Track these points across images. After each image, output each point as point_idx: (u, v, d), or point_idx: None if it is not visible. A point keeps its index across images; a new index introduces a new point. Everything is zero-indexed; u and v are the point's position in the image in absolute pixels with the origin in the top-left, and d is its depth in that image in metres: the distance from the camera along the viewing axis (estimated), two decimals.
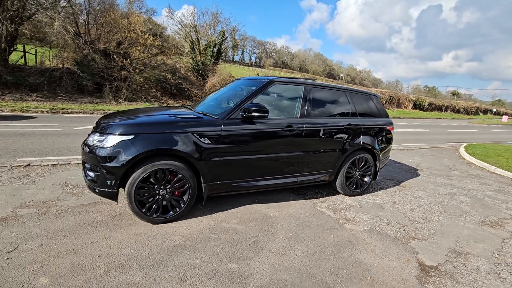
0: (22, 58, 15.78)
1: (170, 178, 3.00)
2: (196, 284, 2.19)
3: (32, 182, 3.90)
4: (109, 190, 2.81)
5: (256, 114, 3.19)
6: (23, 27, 14.18)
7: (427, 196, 4.60)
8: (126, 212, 3.26)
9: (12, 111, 10.01)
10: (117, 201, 2.97)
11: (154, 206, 2.98)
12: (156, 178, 2.92)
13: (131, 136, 2.81)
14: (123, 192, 2.91)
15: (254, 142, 3.37)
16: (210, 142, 3.10)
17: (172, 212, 3.09)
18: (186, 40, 22.51)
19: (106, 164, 2.75)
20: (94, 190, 2.92)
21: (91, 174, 2.90)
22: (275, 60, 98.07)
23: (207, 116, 3.33)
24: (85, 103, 13.41)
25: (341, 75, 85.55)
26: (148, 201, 2.96)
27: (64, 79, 14.16)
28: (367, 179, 4.39)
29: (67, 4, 14.39)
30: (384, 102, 32.65)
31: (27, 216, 3.02)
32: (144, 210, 2.94)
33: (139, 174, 2.82)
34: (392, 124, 4.65)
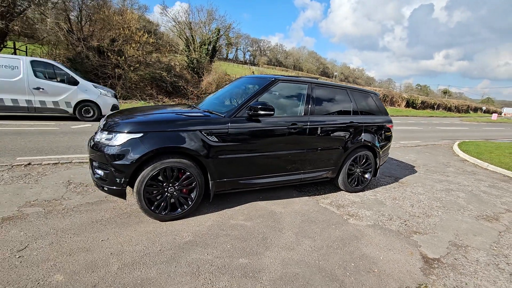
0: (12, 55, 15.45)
1: (178, 175, 3.03)
2: (210, 279, 2.24)
3: (34, 181, 3.87)
4: (118, 188, 2.83)
5: (262, 112, 3.23)
6: (14, 24, 13.90)
7: (425, 192, 4.73)
8: (133, 210, 3.28)
9: None
10: (125, 199, 2.99)
11: (162, 203, 3.01)
12: (164, 176, 2.94)
13: (140, 134, 2.83)
14: (128, 190, 2.93)
15: (259, 140, 3.42)
16: (217, 140, 3.13)
17: (180, 210, 3.12)
18: (180, 38, 22.35)
19: (116, 162, 2.77)
20: (102, 188, 2.93)
21: (100, 172, 2.91)
22: (269, 58, 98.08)
23: (213, 114, 3.36)
24: None
25: (335, 73, 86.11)
26: (156, 198, 2.98)
27: None
28: (368, 175, 4.49)
29: (59, 0, 14.14)
30: None
31: (33, 215, 3.01)
32: (152, 208, 2.96)
33: (148, 172, 2.84)
34: (391, 122, 4.76)
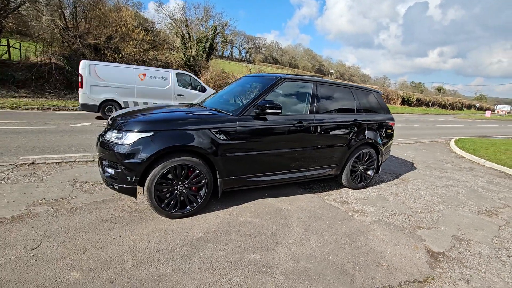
0: (6, 52, 15.20)
1: (187, 173, 3.06)
2: (224, 274, 2.29)
3: (40, 180, 3.87)
4: (129, 186, 2.85)
5: (269, 111, 3.27)
6: (8, 21, 13.68)
7: (426, 188, 4.83)
8: (142, 208, 3.31)
9: (0, 108, 9.69)
10: (136, 197, 3.01)
11: (172, 201, 3.04)
12: (174, 174, 2.97)
13: (151, 133, 2.85)
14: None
15: (266, 138, 3.47)
16: (226, 138, 3.17)
17: (189, 207, 3.15)
18: (177, 35, 22.22)
19: (126, 161, 2.79)
20: (112, 187, 2.95)
21: (110, 170, 2.93)
22: (265, 56, 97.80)
23: (221, 113, 3.39)
24: (75, 100, 13.08)
25: (330, 71, 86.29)
26: (166, 196, 3.02)
27: (53, 74, 13.78)
28: (370, 172, 4.57)
29: None
30: None
31: (42, 214, 3.02)
32: (163, 206, 2.99)
33: (158, 170, 2.87)
34: (393, 120, 4.84)
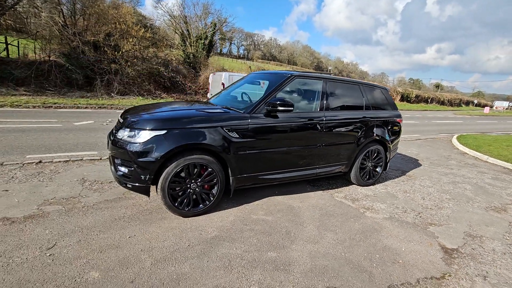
0: (4, 50, 15.04)
1: (200, 172, 3.05)
2: (243, 272, 2.28)
3: (49, 179, 3.84)
4: (142, 185, 2.83)
5: (281, 108, 3.25)
6: (5, 18, 13.52)
7: (433, 185, 4.84)
8: (154, 207, 3.29)
9: (1, 106, 9.61)
10: (149, 196, 2.99)
11: (185, 200, 3.03)
12: (187, 172, 2.96)
13: (164, 131, 2.83)
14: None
15: (278, 136, 3.46)
16: (238, 136, 3.15)
17: (202, 205, 3.14)
18: (176, 32, 22.06)
19: (140, 159, 2.77)
20: (125, 185, 2.93)
21: (123, 169, 2.91)
22: (263, 53, 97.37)
23: (232, 110, 3.37)
24: (76, 97, 13.01)
25: (329, 67, 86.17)
26: (179, 195, 3.00)
27: (52, 72, 13.66)
28: (378, 169, 4.58)
29: None
30: None
31: (54, 213, 3.00)
32: (176, 204, 2.98)
33: (172, 169, 2.85)
34: (400, 117, 4.84)
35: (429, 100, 43.77)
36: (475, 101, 58.42)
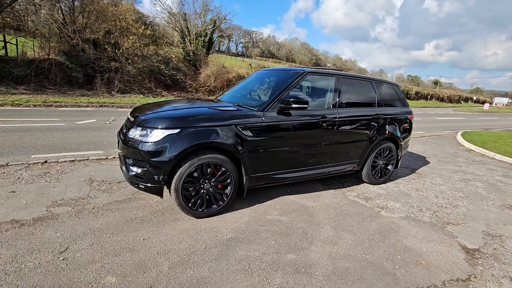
0: (3, 48, 14.84)
1: (213, 171, 2.97)
2: (264, 276, 2.21)
3: (56, 180, 3.75)
4: (156, 185, 2.75)
5: (295, 106, 3.17)
6: (4, 15, 13.33)
7: (445, 183, 4.78)
8: (165, 208, 3.21)
9: (1, 105, 9.47)
10: (162, 197, 2.91)
11: (199, 200, 2.95)
12: (201, 172, 2.88)
13: (177, 130, 2.74)
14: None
15: (291, 134, 3.38)
16: (251, 135, 3.07)
17: (215, 206, 3.07)
18: (175, 30, 21.85)
19: (153, 159, 2.68)
20: (137, 186, 2.85)
21: (135, 169, 2.82)
22: (261, 50, 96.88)
23: (245, 108, 3.29)
24: (76, 96, 12.86)
25: (328, 65, 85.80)
26: (192, 195, 2.93)
27: (52, 70, 13.49)
28: (390, 167, 4.51)
29: None
30: None
31: (64, 215, 2.92)
32: (190, 205, 2.90)
33: (186, 169, 2.77)
34: (412, 114, 4.77)
35: (428, 96, 43.73)
36: (474, 97, 58.44)
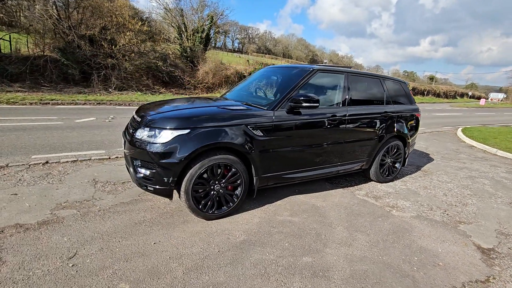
0: None
1: (224, 172, 2.89)
2: (282, 280, 2.15)
3: (58, 181, 3.65)
4: (165, 187, 2.67)
5: (306, 104, 3.09)
6: None
7: (451, 180, 4.76)
8: (173, 209, 3.14)
9: None
10: (171, 199, 2.84)
11: (209, 202, 2.88)
12: (212, 173, 2.80)
13: (187, 131, 2.65)
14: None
15: (301, 133, 3.31)
16: (262, 134, 3.00)
17: (226, 207, 3.00)
18: (172, 26, 21.55)
19: (163, 161, 2.60)
20: (146, 188, 2.76)
21: (143, 171, 2.73)
22: (258, 46, 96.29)
23: (254, 107, 3.20)
24: (73, 93, 12.63)
25: (324, 61, 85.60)
26: (202, 197, 2.85)
27: (48, 68, 13.23)
28: (398, 165, 4.47)
29: None
30: None
31: (69, 218, 2.83)
32: (200, 207, 2.83)
33: (196, 170, 2.69)
34: (419, 111, 4.72)
35: (425, 92, 43.93)
36: (470, 93, 58.82)
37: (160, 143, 2.63)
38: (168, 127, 2.67)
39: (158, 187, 2.68)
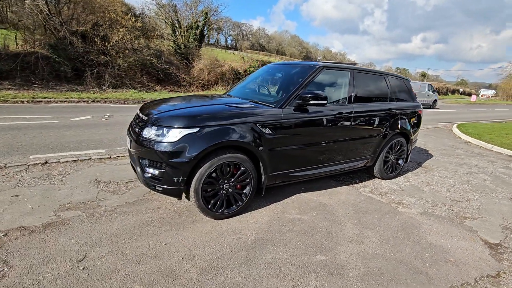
0: None
1: (233, 171, 2.86)
2: (298, 279, 2.14)
3: (60, 182, 3.56)
4: (175, 187, 2.62)
5: (313, 102, 3.06)
6: None
7: (452, 176, 4.82)
8: (180, 209, 3.09)
9: None
10: (181, 199, 2.79)
11: (218, 201, 2.85)
12: (221, 172, 2.76)
13: (196, 129, 2.61)
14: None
15: (309, 131, 3.29)
16: (270, 132, 2.97)
17: (235, 206, 2.97)
18: (166, 22, 21.23)
19: (172, 160, 2.55)
20: (154, 188, 2.70)
21: (152, 170, 2.68)
22: (251, 43, 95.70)
23: (261, 104, 3.17)
24: (66, 91, 12.36)
25: (318, 57, 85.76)
26: (212, 196, 2.82)
27: (39, 65, 12.89)
28: (401, 162, 4.50)
29: None
30: None
31: (75, 220, 2.76)
32: (210, 206, 2.79)
33: (206, 169, 2.65)
34: (421, 107, 4.76)
35: None
36: (461, 89, 59.72)
37: (168, 142, 2.57)
38: (176, 126, 2.61)
39: (167, 187, 2.63)
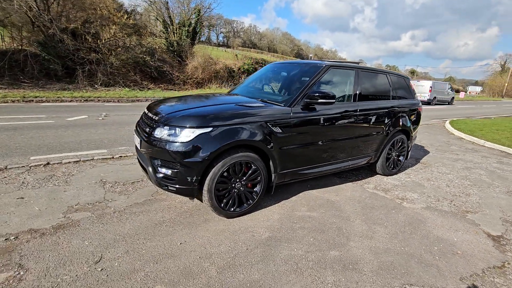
0: None
1: (244, 170, 2.88)
2: (315, 275, 2.19)
3: (65, 183, 3.51)
4: (188, 187, 2.63)
5: (321, 101, 3.11)
6: None
7: (450, 172, 4.96)
8: (191, 208, 3.10)
9: None
10: (193, 198, 2.80)
11: (230, 200, 2.87)
12: (233, 171, 2.78)
13: (209, 129, 2.61)
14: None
15: (316, 129, 3.33)
16: (280, 131, 3.00)
17: (246, 205, 3.00)
18: (157, 19, 20.93)
19: (186, 160, 2.55)
20: (167, 188, 2.70)
21: (164, 170, 2.67)
22: (243, 40, 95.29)
23: (270, 103, 3.19)
24: (57, 90, 12.08)
25: (310, 55, 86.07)
26: (224, 195, 2.84)
27: (28, 63, 12.55)
28: (402, 158, 4.61)
29: None
30: None
31: (85, 221, 2.74)
32: (222, 205, 2.81)
33: (219, 168, 2.67)
34: (420, 105, 4.86)
35: None
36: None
37: (182, 142, 2.57)
38: (189, 126, 2.61)
39: (180, 186, 2.64)
